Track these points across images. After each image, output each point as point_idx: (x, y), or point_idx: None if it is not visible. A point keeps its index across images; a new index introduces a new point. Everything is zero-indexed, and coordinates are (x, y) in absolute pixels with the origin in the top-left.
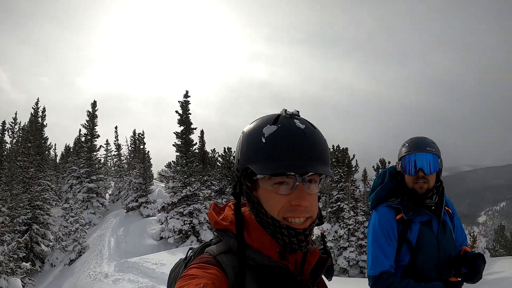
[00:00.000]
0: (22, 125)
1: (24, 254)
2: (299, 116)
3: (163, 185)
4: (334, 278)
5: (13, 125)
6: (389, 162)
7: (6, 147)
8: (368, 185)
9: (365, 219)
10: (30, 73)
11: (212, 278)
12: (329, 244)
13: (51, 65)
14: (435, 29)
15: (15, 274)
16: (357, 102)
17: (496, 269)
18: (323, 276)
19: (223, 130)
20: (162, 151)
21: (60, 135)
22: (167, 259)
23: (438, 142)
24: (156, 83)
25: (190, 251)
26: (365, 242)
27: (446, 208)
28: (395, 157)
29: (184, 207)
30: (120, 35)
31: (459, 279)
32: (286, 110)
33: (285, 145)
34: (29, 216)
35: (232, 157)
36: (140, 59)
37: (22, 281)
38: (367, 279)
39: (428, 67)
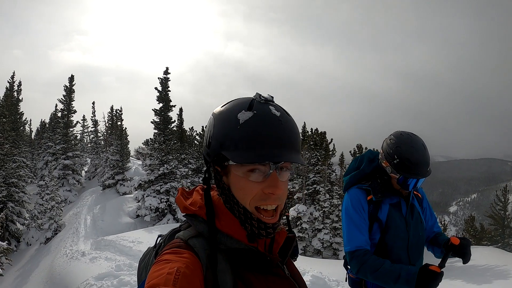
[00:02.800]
0: None
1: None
2: (273, 101)
3: (139, 162)
4: (309, 258)
5: None
6: (365, 148)
7: None
8: (345, 169)
9: (340, 202)
10: (1, 46)
11: (186, 262)
12: (304, 225)
13: (23, 38)
14: (412, 22)
15: None
16: (334, 87)
17: None
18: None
19: (199, 108)
20: (136, 128)
21: (32, 109)
22: (144, 237)
23: (413, 132)
24: (131, 58)
25: (160, 238)
26: (339, 225)
27: (415, 192)
28: (370, 143)
29: (161, 185)
30: (94, 8)
31: (442, 270)
32: (260, 95)
33: (262, 133)
34: (4, 194)
35: None
36: (114, 33)
37: None
38: (340, 260)
39: (404, 58)
